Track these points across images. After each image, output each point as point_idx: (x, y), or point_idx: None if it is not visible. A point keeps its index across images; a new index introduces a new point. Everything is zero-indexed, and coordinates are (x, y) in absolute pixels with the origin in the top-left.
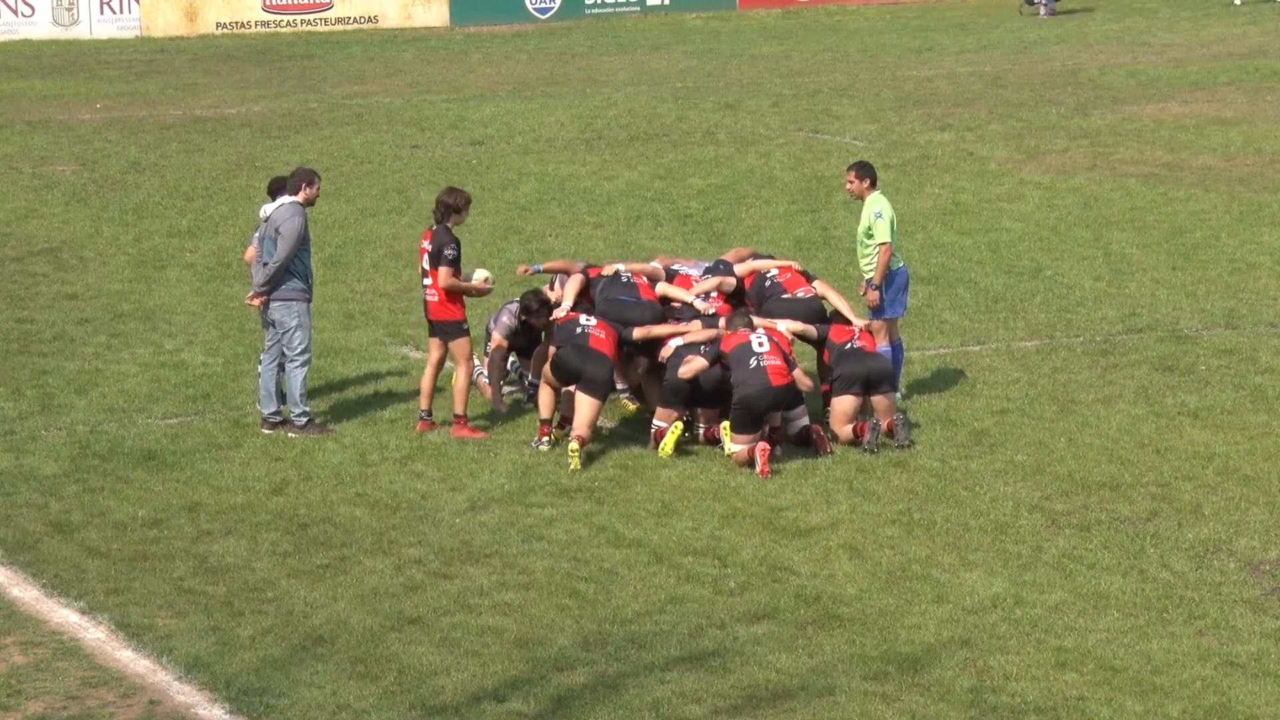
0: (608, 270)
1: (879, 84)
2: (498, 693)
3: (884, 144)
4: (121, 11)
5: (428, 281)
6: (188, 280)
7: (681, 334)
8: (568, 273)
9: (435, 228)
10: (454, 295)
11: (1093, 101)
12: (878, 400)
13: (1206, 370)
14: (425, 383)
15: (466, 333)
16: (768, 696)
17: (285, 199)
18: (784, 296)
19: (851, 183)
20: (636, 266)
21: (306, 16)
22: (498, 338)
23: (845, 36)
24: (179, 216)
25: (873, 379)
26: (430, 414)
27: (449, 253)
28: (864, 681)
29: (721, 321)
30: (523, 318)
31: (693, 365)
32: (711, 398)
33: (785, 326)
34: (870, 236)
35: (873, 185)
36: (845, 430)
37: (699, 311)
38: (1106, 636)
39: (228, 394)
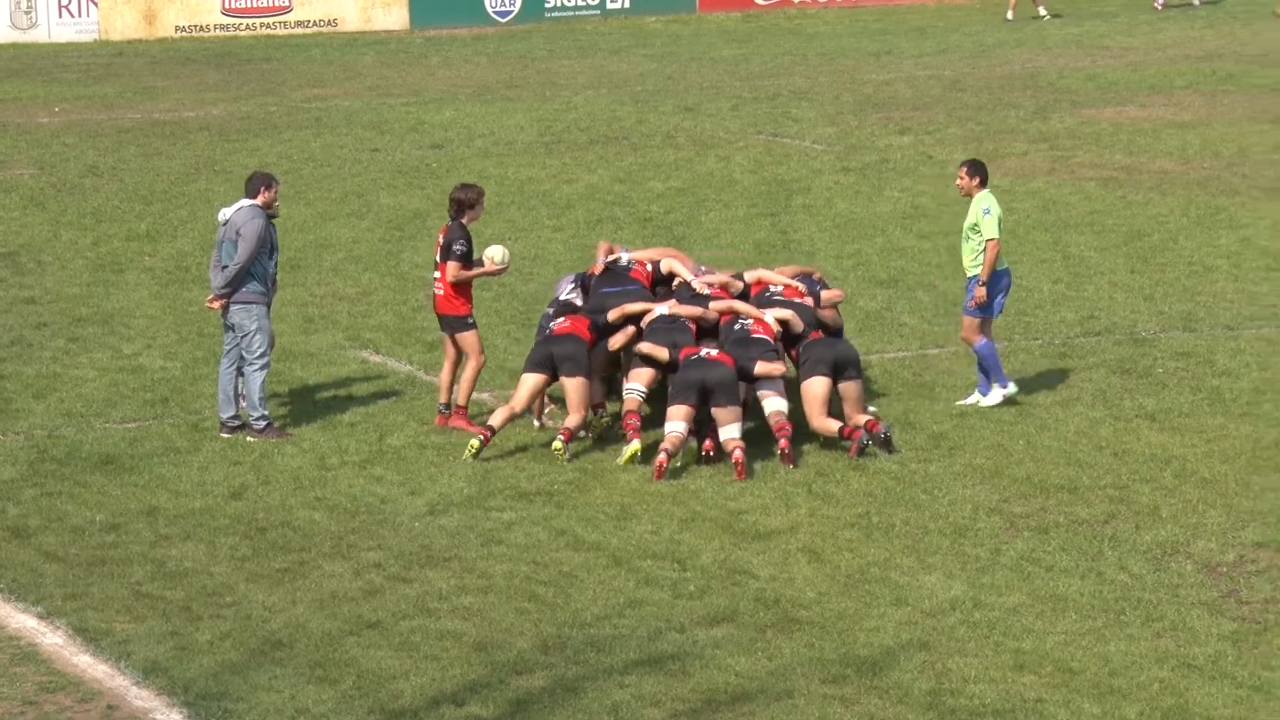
0: (609, 257)
1: (838, 87)
2: (457, 696)
3: (843, 147)
4: (80, 15)
5: (436, 275)
6: (146, 284)
7: (651, 310)
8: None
9: (450, 224)
10: (461, 290)
11: (1051, 105)
12: (845, 387)
13: (1164, 373)
14: (444, 377)
15: (472, 326)
16: (727, 700)
17: (244, 202)
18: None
19: (962, 179)
20: (642, 253)
21: (265, 20)
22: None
23: (804, 40)
24: (137, 220)
25: (839, 363)
26: (448, 407)
27: (458, 248)
28: (823, 684)
29: (714, 304)
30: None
31: (650, 350)
32: (672, 368)
33: (773, 316)
34: (976, 232)
35: (983, 184)
36: (823, 423)
37: (695, 291)
38: (1064, 639)
39: (186, 398)
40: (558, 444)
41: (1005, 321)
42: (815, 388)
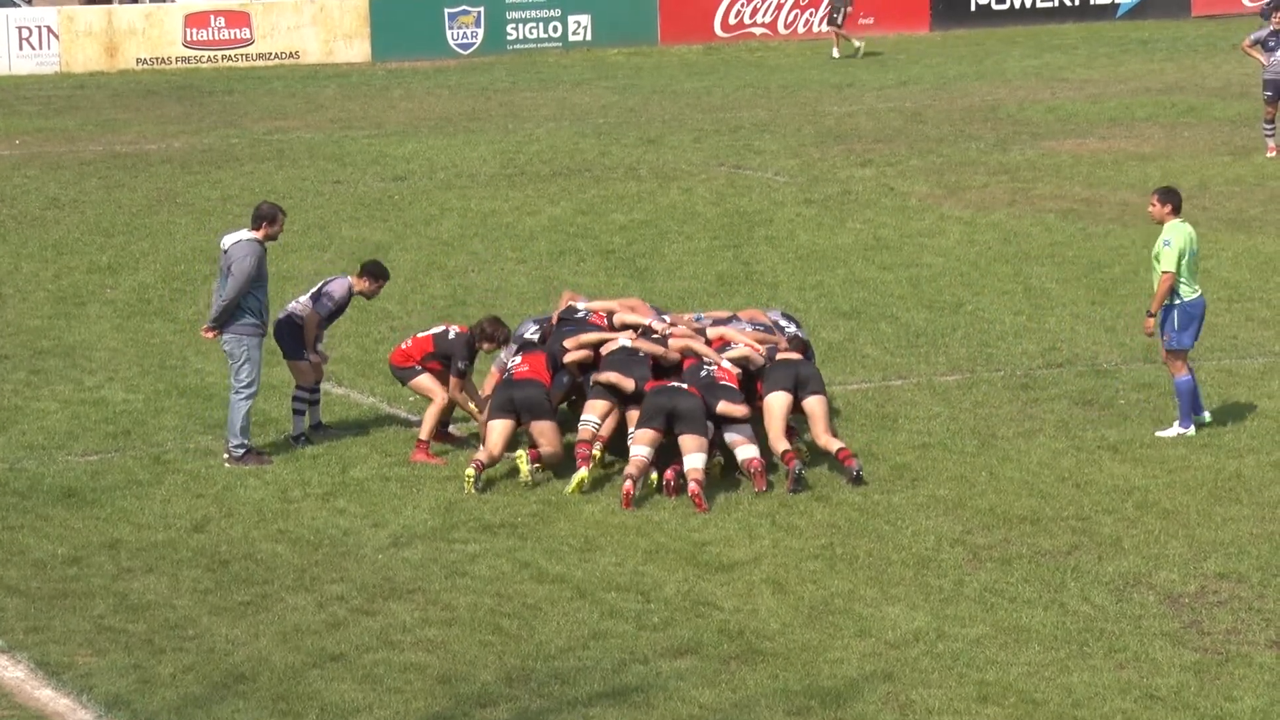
0: (564, 304)
1: (800, 120)
2: None
3: (805, 179)
4: (41, 47)
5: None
6: (108, 317)
7: (611, 339)
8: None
9: (467, 332)
10: (417, 353)
11: (1012, 137)
12: (809, 404)
13: (1126, 404)
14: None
15: (420, 372)
16: None
17: (244, 234)
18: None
19: (1154, 206)
20: (598, 304)
21: (227, 52)
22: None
23: (766, 72)
24: (99, 253)
25: (799, 380)
26: (446, 426)
27: (460, 365)
28: (787, 716)
29: (673, 342)
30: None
31: (616, 380)
32: (634, 399)
33: (730, 359)
34: (1159, 261)
35: (1175, 211)
36: (776, 442)
37: (656, 332)
38: (1028, 670)
39: (148, 430)
40: (524, 456)
41: (967, 353)
42: (774, 403)
